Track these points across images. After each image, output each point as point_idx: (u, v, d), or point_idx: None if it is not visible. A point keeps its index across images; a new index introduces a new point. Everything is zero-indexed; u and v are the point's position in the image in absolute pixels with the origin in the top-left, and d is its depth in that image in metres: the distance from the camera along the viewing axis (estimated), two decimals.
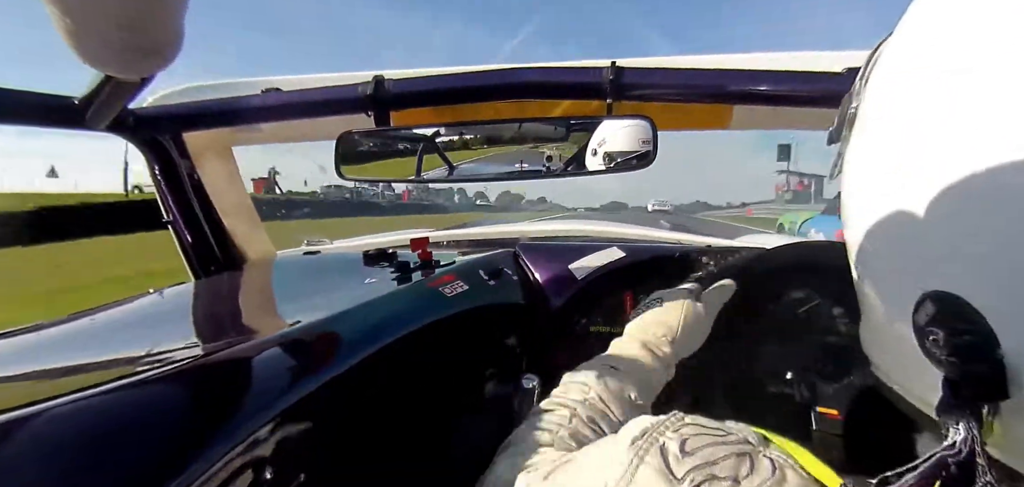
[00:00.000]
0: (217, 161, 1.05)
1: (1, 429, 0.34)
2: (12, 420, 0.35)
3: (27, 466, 0.33)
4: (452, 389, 0.81)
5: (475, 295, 0.90)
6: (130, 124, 0.85)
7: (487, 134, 0.93)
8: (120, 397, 0.40)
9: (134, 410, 0.40)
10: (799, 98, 0.70)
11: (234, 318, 0.81)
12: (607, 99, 0.77)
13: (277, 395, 0.47)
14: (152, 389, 0.42)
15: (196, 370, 0.47)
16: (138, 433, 0.38)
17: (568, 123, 0.88)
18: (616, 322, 1.13)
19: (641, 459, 0.35)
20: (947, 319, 0.34)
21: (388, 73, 0.79)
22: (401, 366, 0.67)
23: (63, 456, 0.34)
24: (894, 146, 0.40)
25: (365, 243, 1.50)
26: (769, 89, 0.70)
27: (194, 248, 1.06)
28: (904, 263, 0.40)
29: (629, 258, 1.16)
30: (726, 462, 0.33)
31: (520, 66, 0.78)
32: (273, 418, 0.45)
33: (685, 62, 0.75)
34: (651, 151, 0.84)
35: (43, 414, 0.36)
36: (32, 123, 0.76)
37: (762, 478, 0.33)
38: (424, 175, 0.95)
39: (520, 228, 1.64)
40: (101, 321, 0.75)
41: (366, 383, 0.60)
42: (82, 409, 0.37)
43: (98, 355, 0.59)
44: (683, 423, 0.38)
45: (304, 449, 0.50)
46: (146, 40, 0.56)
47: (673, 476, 0.33)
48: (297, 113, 0.84)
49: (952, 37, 0.37)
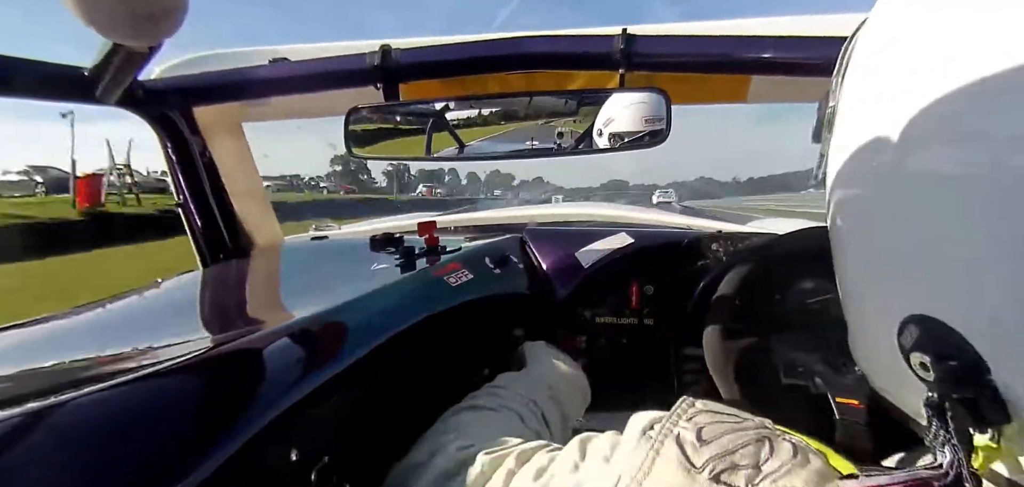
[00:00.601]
0: (228, 138, 1.05)
1: (20, 422, 0.34)
2: (31, 412, 0.35)
3: (48, 458, 0.33)
4: (457, 380, 0.80)
5: (480, 284, 0.89)
6: (140, 98, 0.85)
7: (497, 109, 0.92)
8: (138, 389, 0.40)
9: (152, 402, 0.40)
10: (823, 66, 0.67)
11: (245, 307, 0.81)
12: (619, 70, 0.75)
13: (289, 386, 0.48)
14: (169, 380, 0.43)
15: (210, 361, 0.48)
16: (155, 425, 0.38)
17: (579, 96, 0.86)
18: (622, 313, 1.12)
19: (657, 451, 0.33)
20: (932, 343, 0.34)
21: (395, 42, 0.78)
22: (406, 357, 0.67)
23: (83, 448, 0.34)
24: (870, 150, 0.38)
25: (371, 228, 1.49)
26: (790, 56, 0.68)
27: (204, 233, 1.06)
28: (887, 279, 0.39)
29: (637, 244, 1.14)
30: (746, 449, 0.32)
31: (530, 35, 0.76)
32: (286, 408, 0.46)
33: (699, 28, 0.73)
34: (664, 128, 0.82)
35: (63, 406, 0.36)
36: (42, 97, 0.75)
37: (782, 461, 0.31)
38: (434, 154, 0.94)
39: (528, 212, 1.62)
40: (114, 312, 0.75)
41: (372, 374, 0.60)
42: (101, 401, 0.38)
43: (113, 346, 0.59)
44: (696, 411, 0.36)
45: (315, 439, 0.50)
46: (154, 5, 0.56)
47: (692, 465, 0.32)
48: (305, 84, 0.83)
49: (923, 36, 0.35)
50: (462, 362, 0.82)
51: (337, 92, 0.85)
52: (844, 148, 0.41)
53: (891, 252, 0.37)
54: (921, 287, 0.35)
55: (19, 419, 0.34)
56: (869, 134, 0.38)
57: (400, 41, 0.78)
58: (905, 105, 0.34)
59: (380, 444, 0.60)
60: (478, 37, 0.78)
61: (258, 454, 0.42)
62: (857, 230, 0.43)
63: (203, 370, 0.46)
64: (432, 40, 0.79)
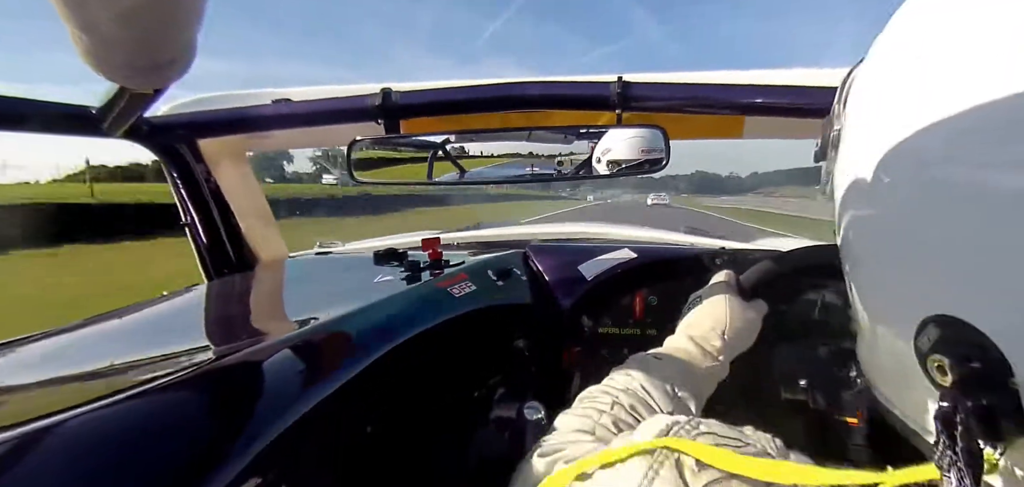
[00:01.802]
0: (231, 165, 1.07)
1: (25, 437, 0.35)
2: (36, 428, 0.35)
3: (53, 474, 0.34)
4: (461, 390, 0.81)
5: (484, 295, 0.91)
6: (145, 132, 0.87)
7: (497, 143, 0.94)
8: (145, 403, 0.41)
9: (160, 415, 0.41)
10: (811, 110, 0.68)
11: (249, 321, 0.82)
12: (616, 111, 0.76)
13: (294, 399, 0.49)
14: (176, 394, 0.44)
15: (215, 374, 0.49)
16: (164, 438, 0.39)
17: (577, 132, 0.87)
18: (625, 323, 1.13)
19: (656, 473, 0.34)
20: (952, 345, 0.32)
21: (396, 85, 0.80)
22: (411, 366, 0.69)
23: (91, 463, 0.35)
24: (881, 162, 0.38)
25: (376, 244, 1.51)
26: (774, 102, 0.70)
27: (209, 250, 1.08)
28: (903, 283, 0.38)
29: (640, 259, 1.15)
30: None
31: (528, 80, 0.78)
32: (291, 421, 0.47)
33: (692, 77, 0.75)
34: (663, 157, 0.84)
35: (70, 421, 0.37)
36: (53, 132, 0.79)
37: None
38: (435, 179, 0.96)
39: (532, 229, 1.64)
40: (120, 325, 0.76)
41: (376, 385, 0.61)
42: (109, 416, 0.38)
43: (120, 359, 0.60)
44: (699, 432, 0.37)
45: (321, 450, 0.51)
46: (159, 55, 0.57)
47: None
48: (307, 122, 0.85)
49: (928, 55, 0.35)
50: (465, 373, 0.84)
51: (339, 127, 0.87)
52: (855, 160, 0.42)
53: (912, 252, 0.36)
54: (944, 286, 0.34)
55: (24, 435, 0.35)
56: (886, 143, 0.37)
57: (401, 85, 0.80)
58: (927, 108, 0.34)
59: (384, 458, 0.62)
60: (478, 82, 0.80)
61: (264, 466, 0.43)
62: (874, 233, 0.41)
63: (208, 383, 0.47)
64: (432, 84, 0.81)
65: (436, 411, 0.74)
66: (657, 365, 0.64)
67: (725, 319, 0.70)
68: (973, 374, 0.31)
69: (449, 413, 0.78)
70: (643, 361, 0.65)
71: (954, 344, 0.32)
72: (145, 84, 0.63)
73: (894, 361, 0.40)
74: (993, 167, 0.30)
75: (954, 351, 0.32)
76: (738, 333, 0.71)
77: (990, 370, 0.30)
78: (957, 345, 0.32)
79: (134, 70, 0.57)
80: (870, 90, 0.41)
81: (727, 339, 0.69)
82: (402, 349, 0.66)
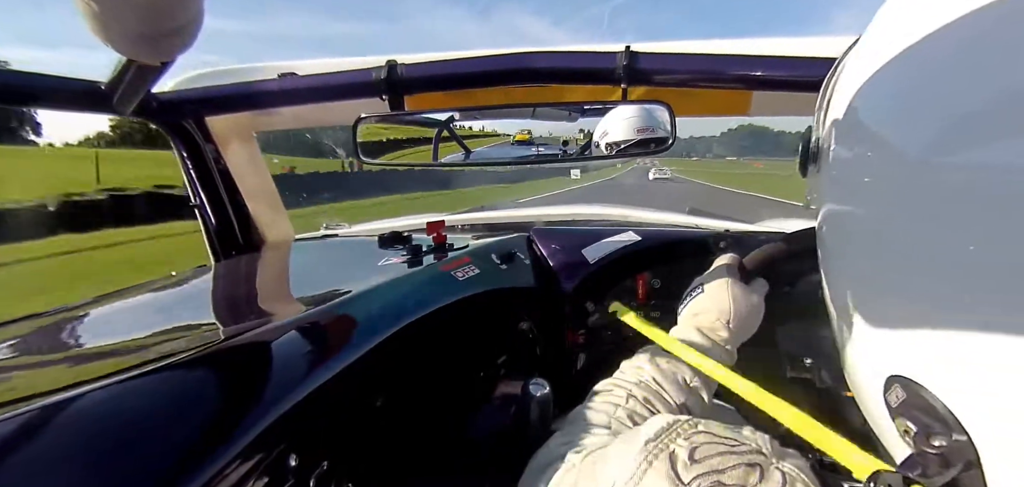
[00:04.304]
0: (239, 145, 1.08)
1: (30, 417, 0.35)
2: (42, 407, 0.36)
3: (58, 452, 0.34)
4: (465, 371, 0.82)
5: (487, 279, 0.91)
6: (154, 108, 0.88)
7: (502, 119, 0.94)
8: (155, 381, 0.42)
9: (168, 393, 0.42)
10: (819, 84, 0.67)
11: (256, 302, 0.83)
12: (621, 84, 0.76)
13: (299, 379, 0.50)
14: (185, 373, 0.45)
15: (224, 354, 0.50)
16: (172, 415, 0.40)
17: (582, 108, 0.87)
18: (628, 305, 1.12)
19: (650, 464, 0.36)
20: (914, 410, 0.32)
21: (401, 57, 0.79)
22: (415, 349, 0.69)
23: (101, 439, 0.36)
24: (853, 190, 0.37)
25: (381, 226, 1.52)
26: (786, 75, 0.68)
27: (217, 231, 1.10)
28: (873, 327, 0.37)
29: (644, 242, 1.15)
30: (734, 471, 0.34)
31: (533, 51, 0.77)
32: (298, 399, 0.48)
33: (700, 47, 0.74)
34: (668, 136, 0.83)
35: (81, 398, 0.37)
36: (63, 108, 0.80)
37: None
38: (440, 160, 0.96)
39: (535, 212, 1.63)
40: (129, 305, 0.78)
41: (380, 366, 0.62)
42: (119, 393, 0.39)
43: (130, 338, 0.61)
44: (695, 430, 0.38)
45: (325, 430, 0.52)
46: (166, 23, 0.58)
47: (679, 480, 0.34)
48: (313, 97, 0.85)
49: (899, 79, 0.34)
50: (468, 355, 0.84)
51: (344, 103, 0.87)
52: (831, 183, 0.41)
53: (879, 311, 0.36)
54: (908, 345, 0.32)
55: (37, 411, 0.36)
56: (855, 181, 0.37)
57: (405, 56, 0.80)
58: (889, 148, 0.34)
59: (387, 435, 0.63)
60: (482, 53, 0.79)
61: (270, 445, 0.44)
62: (849, 268, 0.41)
63: (216, 362, 0.48)
64: (437, 56, 0.81)
65: (440, 391, 0.75)
66: (666, 357, 0.65)
67: (730, 309, 0.70)
68: (935, 451, 0.31)
69: (452, 393, 0.78)
70: (652, 352, 0.66)
71: (916, 410, 0.32)
72: (152, 55, 0.63)
73: (869, 401, 0.40)
74: (944, 234, 0.29)
75: (917, 418, 0.32)
76: (743, 321, 0.71)
77: (951, 445, 0.30)
78: (922, 413, 0.32)
79: (141, 39, 0.57)
80: (847, 103, 0.40)
81: (733, 328, 0.70)
82: (406, 331, 0.67)
